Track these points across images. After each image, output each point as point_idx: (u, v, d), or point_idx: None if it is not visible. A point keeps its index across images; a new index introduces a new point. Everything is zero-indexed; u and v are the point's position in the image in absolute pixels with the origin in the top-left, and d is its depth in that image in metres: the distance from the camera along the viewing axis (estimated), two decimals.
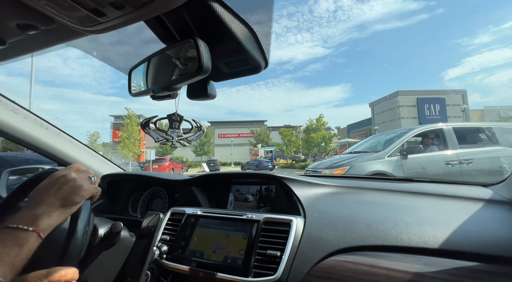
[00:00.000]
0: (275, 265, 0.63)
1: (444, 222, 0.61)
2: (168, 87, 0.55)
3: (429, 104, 31.52)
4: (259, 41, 0.54)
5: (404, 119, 30.49)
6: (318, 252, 0.62)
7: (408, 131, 3.97)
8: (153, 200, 1.17)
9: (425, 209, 0.69)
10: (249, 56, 0.54)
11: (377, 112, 35.82)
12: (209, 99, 0.64)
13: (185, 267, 0.71)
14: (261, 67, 0.59)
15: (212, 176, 1.04)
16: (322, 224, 0.69)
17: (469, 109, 29.49)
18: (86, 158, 1.16)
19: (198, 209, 0.85)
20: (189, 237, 0.78)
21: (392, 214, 0.67)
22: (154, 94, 0.59)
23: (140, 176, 1.18)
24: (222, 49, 0.53)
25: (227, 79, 0.65)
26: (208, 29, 0.49)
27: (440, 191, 0.77)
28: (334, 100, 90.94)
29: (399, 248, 0.58)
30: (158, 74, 0.61)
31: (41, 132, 0.99)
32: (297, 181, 0.89)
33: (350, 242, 0.61)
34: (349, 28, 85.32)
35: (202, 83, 0.61)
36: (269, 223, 0.72)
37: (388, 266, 0.55)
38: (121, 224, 0.68)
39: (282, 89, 33.51)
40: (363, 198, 0.81)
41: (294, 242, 0.65)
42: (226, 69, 0.60)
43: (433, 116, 30.82)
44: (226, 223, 0.78)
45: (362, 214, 0.69)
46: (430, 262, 0.53)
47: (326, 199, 0.83)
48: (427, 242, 0.56)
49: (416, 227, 0.60)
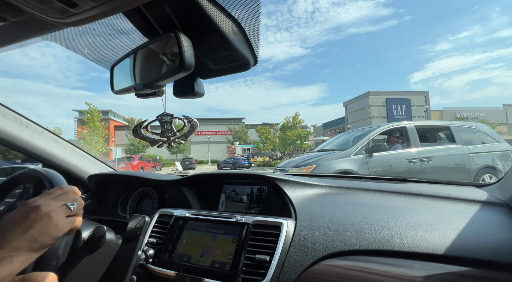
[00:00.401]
0: (264, 270, 0.61)
1: (437, 226, 0.60)
2: (150, 85, 0.52)
3: (396, 104, 33.67)
4: (247, 37, 0.52)
5: (374, 119, 32.22)
6: (309, 257, 0.60)
7: (373, 130, 3.99)
8: (142, 200, 1.14)
9: (418, 211, 0.68)
10: (237, 53, 0.52)
11: (350, 111, 37.42)
12: (197, 97, 0.61)
13: (172, 272, 0.69)
14: (250, 64, 0.57)
15: (203, 176, 1.02)
16: (313, 227, 0.67)
17: (430, 110, 32.04)
18: (72, 157, 1.12)
19: (186, 211, 0.83)
20: (176, 240, 0.76)
21: (385, 217, 0.65)
22: (136, 91, 0.56)
23: (129, 176, 1.14)
24: (207, 44, 0.51)
25: (215, 77, 0.63)
26: (191, 23, 0.47)
27: (434, 192, 0.76)
28: (311, 99, 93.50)
29: (391, 252, 0.56)
30: (141, 70, 0.57)
31: (21, 131, 0.94)
32: (289, 181, 0.87)
33: (341, 246, 0.60)
34: (326, 29, 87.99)
35: (188, 81, 0.59)
36: (259, 226, 0.70)
37: (380, 271, 0.54)
38: (105, 228, 0.66)
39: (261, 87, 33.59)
40: (356, 199, 0.80)
41: (284, 246, 0.64)
42: (213, 66, 0.58)
43: (400, 116, 32.98)
44: (215, 225, 0.76)
45: (354, 217, 0.67)
46: (423, 267, 0.53)
47: (318, 200, 0.81)
48: (419, 246, 0.55)
49: (409, 231, 0.59)
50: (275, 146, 26.11)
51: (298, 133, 23.91)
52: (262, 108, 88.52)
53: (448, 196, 0.73)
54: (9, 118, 0.90)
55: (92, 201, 1.15)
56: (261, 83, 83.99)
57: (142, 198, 1.13)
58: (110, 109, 31.79)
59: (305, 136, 24.53)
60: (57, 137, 1.07)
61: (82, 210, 0.47)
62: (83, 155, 1.18)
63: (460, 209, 0.66)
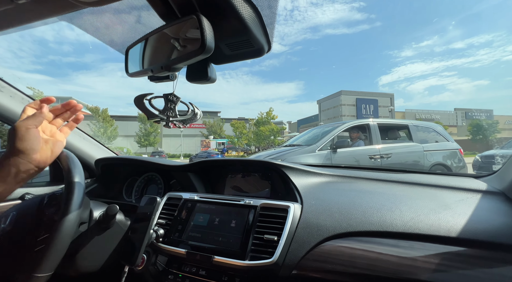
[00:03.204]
0: (272, 249, 0.63)
1: (438, 210, 0.63)
2: (168, 67, 0.53)
3: (365, 104, 35.69)
4: (263, 23, 0.52)
5: (345, 117, 33.80)
6: (315, 237, 0.63)
7: (338, 126, 4.04)
8: (148, 185, 1.16)
9: (419, 198, 0.71)
10: (253, 38, 0.52)
11: (323, 109, 38.79)
12: (209, 83, 0.62)
13: (182, 250, 0.71)
14: (264, 50, 0.57)
15: (209, 162, 1.03)
16: (319, 210, 0.70)
17: (394, 110, 34.55)
18: (79, 141, 1.15)
19: (195, 194, 0.85)
20: (186, 221, 0.78)
21: (387, 202, 0.68)
22: (152, 74, 0.57)
23: (135, 160, 1.17)
24: (225, 28, 0.51)
25: (228, 62, 0.63)
26: (211, 6, 0.47)
27: (434, 182, 0.79)
28: (288, 96, 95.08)
29: (393, 233, 0.59)
30: (157, 53, 0.58)
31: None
32: (294, 168, 0.89)
33: (346, 227, 0.63)
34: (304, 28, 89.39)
35: (202, 66, 0.59)
36: (267, 209, 0.73)
37: (382, 251, 0.57)
38: (117, 207, 0.67)
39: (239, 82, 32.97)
40: (359, 187, 0.83)
41: (291, 227, 0.66)
42: (228, 51, 0.58)
43: (368, 115, 35.02)
44: (223, 208, 0.78)
45: (359, 202, 0.70)
46: (422, 247, 0.55)
47: (323, 187, 0.84)
48: (420, 228, 0.58)
49: (410, 214, 0.62)
50: (250, 140, 26.09)
51: (272, 129, 24.12)
52: (240, 103, 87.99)
53: (448, 185, 0.76)
54: (17, 100, 0.92)
55: (98, 185, 1.17)
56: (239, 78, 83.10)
57: (147, 183, 1.15)
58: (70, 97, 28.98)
59: (279, 131, 24.85)
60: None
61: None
62: (88, 139, 1.20)
63: (460, 197, 0.69)
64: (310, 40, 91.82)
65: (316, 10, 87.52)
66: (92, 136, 1.23)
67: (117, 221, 0.70)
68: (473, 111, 39.03)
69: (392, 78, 74.89)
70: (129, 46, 0.61)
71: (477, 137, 25.51)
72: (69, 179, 0.57)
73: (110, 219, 0.67)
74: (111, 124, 26.91)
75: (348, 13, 79.39)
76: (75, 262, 0.63)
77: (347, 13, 79.45)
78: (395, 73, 74.53)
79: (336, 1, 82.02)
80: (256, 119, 26.01)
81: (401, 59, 73.74)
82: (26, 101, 0.95)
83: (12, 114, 0.91)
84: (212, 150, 27.07)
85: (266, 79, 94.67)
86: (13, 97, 0.91)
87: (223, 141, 30.70)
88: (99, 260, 0.68)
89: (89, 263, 0.66)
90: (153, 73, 0.56)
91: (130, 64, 0.61)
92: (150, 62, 0.58)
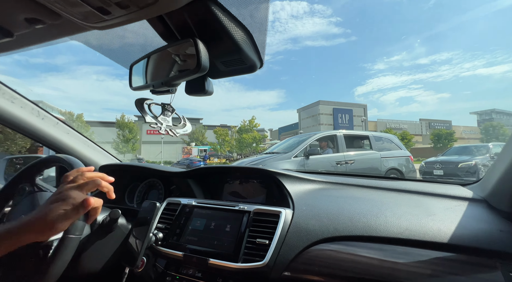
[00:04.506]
0: (263, 252, 0.66)
1: (420, 217, 0.65)
2: (167, 83, 0.58)
3: (341, 114, 37.53)
4: (254, 42, 0.57)
5: (323, 126, 35.25)
6: (304, 241, 0.66)
7: (311, 136, 4.65)
8: (149, 191, 1.19)
9: (404, 204, 0.73)
10: (245, 56, 0.57)
11: (303, 117, 40.17)
12: (207, 95, 0.66)
13: (180, 253, 0.74)
14: (256, 66, 0.62)
15: (209, 169, 1.07)
16: (309, 215, 0.72)
17: (367, 120, 36.84)
18: (83, 148, 1.18)
19: (193, 200, 0.88)
20: (184, 226, 0.81)
21: (374, 208, 0.71)
22: (154, 89, 0.61)
23: (137, 167, 1.20)
24: (219, 48, 0.55)
25: (224, 77, 0.68)
26: (207, 30, 0.51)
27: (420, 189, 0.81)
28: (270, 104, 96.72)
29: (377, 238, 0.62)
30: (158, 69, 0.62)
31: (38, 121, 1.00)
32: (289, 176, 0.92)
33: (333, 232, 0.65)
34: (285, 39, 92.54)
35: (200, 80, 0.63)
36: (259, 214, 0.75)
37: (366, 254, 0.60)
38: (119, 212, 0.70)
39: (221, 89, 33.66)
40: (349, 193, 0.86)
41: (282, 231, 0.69)
42: (223, 67, 0.62)
43: (344, 125, 36.81)
44: (219, 213, 0.81)
45: (346, 208, 0.73)
46: (405, 252, 0.58)
47: (314, 193, 0.87)
48: (402, 233, 0.60)
49: (394, 220, 0.65)
50: (232, 147, 26.31)
51: (254, 136, 24.63)
52: (222, 110, 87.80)
53: (433, 192, 0.79)
54: (27, 110, 0.96)
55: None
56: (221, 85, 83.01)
57: (149, 189, 1.19)
58: (41, 100, 27.25)
59: (261, 139, 25.40)
60: (70, 129, 1.14)
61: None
62: (92, 146, 1.24)
63: (444, 204, 0.71)
64: (291, 50, 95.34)
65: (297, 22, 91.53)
66: (96, 143, 1.26)
67: (119, 224, 0.73)
68: (435, 121, 42.64)
69: (367, 89, 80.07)
70: (133, 63, 0.66)
71: (438, 145, 27.73)
72: None
73: (113, 223, 0.71)
74: (86, 130, 25.68)
75: (326, 27, 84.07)
76: (78, 264, 0.65)
77: (325, 27, 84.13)
78: (369, 84, 79.85)
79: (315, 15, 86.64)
80: (239, 127, 26.43)
81: (374, 71, 79.35)
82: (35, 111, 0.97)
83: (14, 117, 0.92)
84: (194, 156, 26.83)
85: (248, 87, 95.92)
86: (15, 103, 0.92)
87: (205, 148, 30.56)
88: (101, 262, 0.70)
89: (92, 265, 0.68)
90: (155, 88, 0.60)
91: (134, 79, 0.66)
92: (152, 77, 0.62)
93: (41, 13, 0.47)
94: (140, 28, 0.58)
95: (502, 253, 0.53)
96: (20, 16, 0.48)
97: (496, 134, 31.57)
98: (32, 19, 0.49)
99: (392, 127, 37.02)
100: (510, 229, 0.57)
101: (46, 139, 1.04)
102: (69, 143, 1.11)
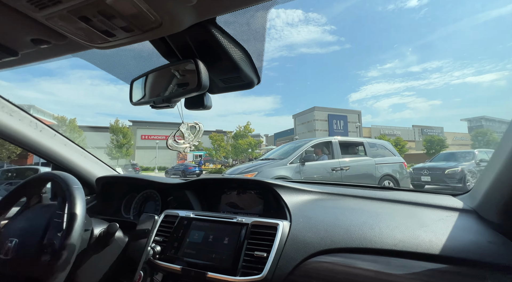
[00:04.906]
0: (261, 265, 0.66)
1: (414, 228, 0.66)
2: (168, 100, 0.59)
3: (336, 120, 37.95)
4: (252, 61, 0.59)
5: (318, 131, 35.55)
6: (301, 254, 0.66)
7: (307, 143, 4.68)
8: (146, 202, 1.18)
9: (398, 215, 0.74)
10: (243, 74, 0.59)
11: (298, 123, 40.47)
12: (206, 110, 0.67)
13: (177, 266, 0.73)
14: (253, 83, 0.64)
15: (207, 181, 1.07)
16: (306, 228, 0.73)
17: (362, 126, 37.35)
18: (80, 160, 1.17)
19: (191, 212, 0.88)
20: (182, 239, 0.80)
21: (369, 220, 0.72)
22: (154, 105, 0.63)
23: (134, 178, 1.20)
24: (219, 67, 0.57)
25: (222, 92, 0.70)
26: (207, 51, 0.53)
27: (414, 199, 0.83)
28: (266, 110, 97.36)
29: (373, 250, 0.63)
30: (158, 86, 0.63)
31: (36, 134, 1.00)
32: (286, 187, 0.93)
33: (330, 244, 0.66)
34: (281, 46, 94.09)
35: (199, 95, 0.64)
36: (257, 226, 0.76)
37: (362, 267, 0.60)
38: (117, 225, 0.69)
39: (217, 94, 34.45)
40: (345, 204, 0.87)
41: (280, 244, 0.69)
42: (222, 84, 0.65)
43: (339, 130, 37.21)
44: (217, 225, 0.81)
45: (342, 219, 0.74)
46: (400, 264, 0.59)
47: (311, 205, 0.87)
48: (396, 245, 0.62)
49: (388, 231, 0.66)
50: (228, 153, 26.23)
51: (249, 142, 24.64)
52: (217, 115, 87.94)
53: (426, 203, 0.80)
54: (25, 122, 0.97)
55: (97, 202, 1.19)
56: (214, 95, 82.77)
57: (145, 200, 1.18)
58: (33, 105, 26.84)
59: (256, 145, 25.40)
60: (67, 141, 1.14)
61: None
62: (89, 157, 1.24)
63: (436, 215, 0.73)
64: (286, 57, 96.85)
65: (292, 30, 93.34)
66: (92, 154, 1.26)
67: (116, 238, 0.71)
68: (428, 128, 43.46)
69: (361, 95, 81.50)
70: (134, 79, 0.67)
71: (431, 151, 28.31)
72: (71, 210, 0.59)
73: (110, 236, 0.69)
74: (79, 135, 25.29)
75: (320, 34, 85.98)
76: (74, 279, 0.63)
77: (320, 34, 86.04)
78: (363, 91, 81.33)
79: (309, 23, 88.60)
80: (235, 132, 26.43)
81: (368, 78, 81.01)
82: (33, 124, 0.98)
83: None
84: (189, 162, 26.59)
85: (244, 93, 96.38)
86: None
87: (200, 153, 30.36)
88: (97, 277, 0.69)
89: (88, 280, 0.67)
90: (155, 104, 0.62)
91: (135, 94, 0.67)
92: (152, 94, 0.63)
93: (48, 35, 0.48)
94: (142, 46, 0.59)
95: (491, 264, 0.54)
96: (27, 37, 0.49)
97: (486, 140, 32.34)
98: (38, 40, 0.50)
99: (386, 133, 37.55)
100: (498, 240, 0.58)
101: (44, 152, 1.04)
102: (67, 155, 1.11)
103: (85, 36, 0.45)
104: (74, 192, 0.62)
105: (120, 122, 27.93)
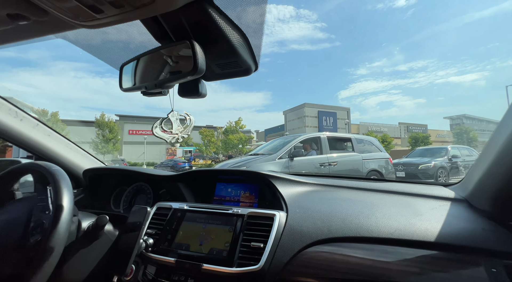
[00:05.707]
0: (258, 256, 0.65)
1: (409, 217, 0.68)
2: (161, 85, 0.56)
3: (326, 116, 38.58)
4: (250, 46, 0.56)
5: (308, 128, 36.01)
6: (298, 243, 0.66)
7: (295, 138, 4.69)
8: (137, 195, 1.14)
9: (393, 205, 0.75)
10: (241, 59, 0.56)
11: (289, 120, 40.78)
12: (200, 98, 0.64)
13: (171, 259, 0.71)
14: (251, 70, 0.61)
15: (198, 172, 1.04)
16: (302, 218, 0.72)
17: (350, 123, 38.16)
18: (66, 151, 1.11)
19: (184, 204, 0.86)
20: (175, 231, 0.78)
21: (365, 209, 0.73)
22: (146, 90, 0.58)
23: (123, 170, 1.14)
24: (215, 51, 0.54)
25: (218, 79, 0.67)
26: (203, 32, 0.50)
27: (408, 190, 0.85)
28: (256, 106, 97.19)
29: (369, 239, 0.63)
30: (150, 71, 0.60)
31: (16, 123, 0.92)
32: (281, 178, 0.92)
33: (327, 234, 0.66)
34: (272, 42, 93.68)
35: (194, 82, 0.61)
36: (253, 217, 0.75)
37: (359, 255, 0.61)
38: (107, 218, 0.66)
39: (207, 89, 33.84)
40: (341, 195, 0.87)
41: (277, 234, 0.68)
42: (218, 70, 0.62)
43: (329, 127, 37.85)
44: (212, 217, 0.79)
45: (339, 210, 0.74)
46: (396, 251, 0.60)
47: (307, 196, 0.87)
48: (393, 233, 0.63)
49: (385, 221, 0.67)
50: (218, 148, 26.07)
51: (240, 138, 24.58)
52: (208, 111, 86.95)
53: (419, 193, 0.82)
54: (4, 110, 0.89)
55: (85, 195, 1.14)
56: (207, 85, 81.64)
57: (136, 193, 1.14)
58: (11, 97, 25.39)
59: (247, 140, 25.39)
60: (51, 131, 1.06)
61: None
62: (75, 149, 1.17)
63: (430, 204, 0.75)
64: (277, 53, 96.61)
65: (283, 26, 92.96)
66: (78, 145, 1.19)
67: (106, 231, 0.69)
68: (413, 125, 45.02)
69: (350, 93, 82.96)
70: (124, 63, 0.63)
71: (416, 148, 29.59)
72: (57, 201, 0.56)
73: (99, 229, 0.66)
74: (62, 129, 24.28)
75: (311, 31, 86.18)
76: (62, 274, 0.61)
77: (311, 31, 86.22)
78: (352, 88, 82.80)
79: (301, 20, 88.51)
80: (225, 128, 26.24)
81: (357, 76, 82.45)
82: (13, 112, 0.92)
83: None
84: (179, 158, 26.23)
85: (235, 88, 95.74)
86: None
87: (190, 149, 29.97)
88: (86, 271, 0.66)
89: (76, 275, 0.64)
90: (147, 90, 0.58)
91: (124, 80, 0.63)
92: (144, 79, 0.60)
93: (25, 9, 0.43)
94: (133, 27, 0.55)
95: (484, 250, 0.56)
96: (2, 11, 0.44)
97: (466, 138, 33.84)
98: (15, 15, 0.45)
99: (374, 130, 38.53)
100: (491, 228, 0.60)
101: (25, 142, 0.97)
102: (51, 146, 1.04)
103: (70, 12, 0.40)
104: (59, 180, 0.59)
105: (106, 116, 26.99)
